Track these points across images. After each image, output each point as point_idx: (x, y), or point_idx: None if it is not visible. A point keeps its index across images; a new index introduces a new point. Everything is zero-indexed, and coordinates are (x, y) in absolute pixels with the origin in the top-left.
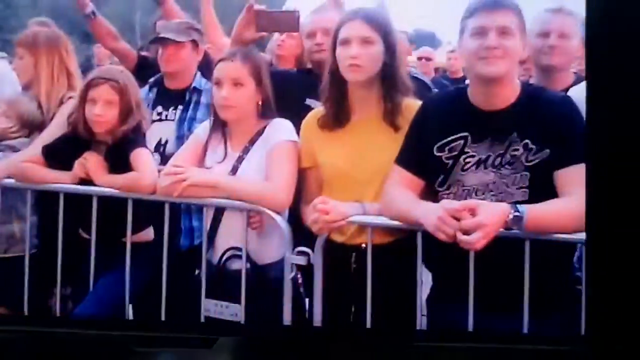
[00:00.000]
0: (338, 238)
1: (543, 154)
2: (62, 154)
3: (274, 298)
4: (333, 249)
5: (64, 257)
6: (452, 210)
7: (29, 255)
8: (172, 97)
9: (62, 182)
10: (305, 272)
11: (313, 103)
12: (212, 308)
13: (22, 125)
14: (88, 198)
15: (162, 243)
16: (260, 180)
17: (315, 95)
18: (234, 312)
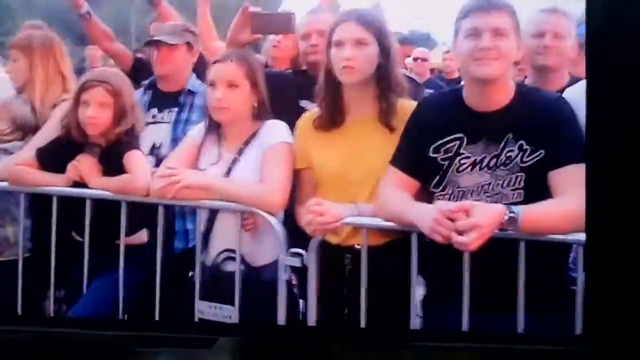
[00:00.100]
0: (332, 239)
1: (538, 155)
2: (55, 157)
3: (269, 300)
4: (327, 251)
5: (58, 260)
6: (447, 212)
7: (23, 259)
8: (166, 99)
9: (55, 184)
10: (300, 273)
11: (307, 105)
12: (206, 310)
13: (15, 128)
14: (81, 201)
15: (155, 245)
16: (255, 182)
17: (311, 97)
18: (228, 314)
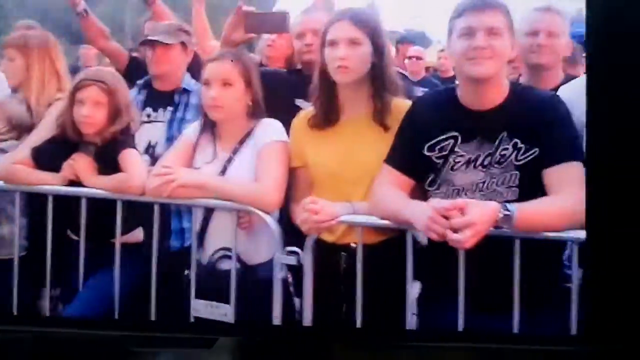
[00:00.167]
0: (328, 238)
1: (532, 153)
2: (50, 156)
3: (264, 298)
4: (323, 249)
5: (53, 258)
6: (441, 209)
7: (19, 258)
8: (161, 98)
9: (50, 183)
10: (296, 272)
11: (302, 104)
12: (202, 308)
13: (11, 128)
14: (77, 199)
15: (151, 244)
16: (250, 181)
17: (305, 96)
18: (224, 312)
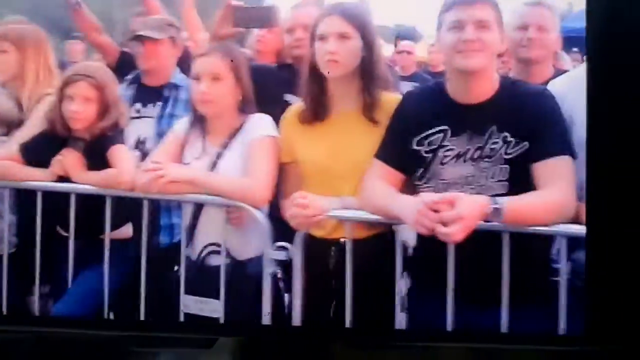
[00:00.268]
0: (317, 233)
1: (522, 147)
2: (39, 152)
3: (254, 293)
4: (312, 244)
5: (43, 255)
6: (431, 203)
7: (8, 255)
8: (150, 93)
9: (39, 179)
10: (285, 267)
11: (292, 98)
12: (191, 304)
13: None
14: (66, 195)
15: (140, 240)
16: (240, 176)
17: (295, 91)
18: (214, 308)
